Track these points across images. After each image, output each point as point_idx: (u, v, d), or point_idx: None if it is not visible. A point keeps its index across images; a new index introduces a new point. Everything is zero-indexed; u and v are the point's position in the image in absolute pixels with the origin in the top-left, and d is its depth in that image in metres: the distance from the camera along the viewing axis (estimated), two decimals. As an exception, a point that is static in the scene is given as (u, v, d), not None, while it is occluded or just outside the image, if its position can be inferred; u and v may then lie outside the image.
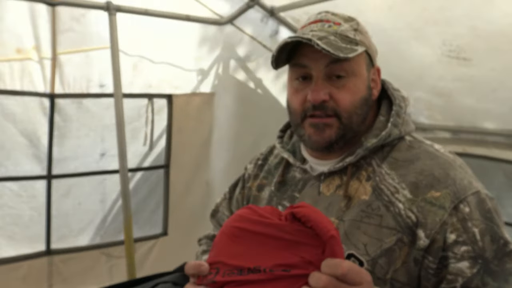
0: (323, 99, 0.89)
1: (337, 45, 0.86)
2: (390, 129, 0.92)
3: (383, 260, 0.84)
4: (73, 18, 2.15)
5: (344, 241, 0.88)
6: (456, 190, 0.84)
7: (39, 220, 2.28)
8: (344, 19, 0.95)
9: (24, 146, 2.19)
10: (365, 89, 0.93)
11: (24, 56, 2.07)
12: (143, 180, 2.65)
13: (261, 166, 1.17)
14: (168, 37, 2.37)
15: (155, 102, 2.48)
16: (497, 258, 0.80)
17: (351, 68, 0.90)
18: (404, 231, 0.84)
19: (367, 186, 0.91)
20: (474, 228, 0.81)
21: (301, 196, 1.01)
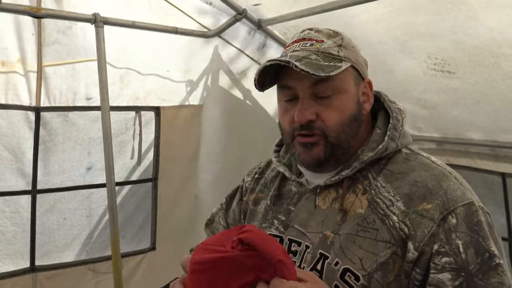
0: (309, 119, 0.91)
1: (318, 64, 0.87)
2: (387, 142, 0.94)
3: (378, 274, 0.84)
4: (59, 30, 2.12)
5: (340, 255, 0.88)
6: (446, 201, 0.84)
7: (23, 236, 2.21)
8: (327, 36, 0.95)
9: (8, 160, 2.14)
10: (353, 106, 0.93)
11: (8, 69, 2.03)
12: (131, 194, 2.61)
13: (257, 180, 1.18)
14: (156, 49, 2.36)
15: (142, 114, 2.45)
16: (481, 271, 0.79)
17: (336, 86, 0.91)
18: (398, 244, 0.85)
19: (363, 199, 0.92)
20: (458, 240, 0.81)
21: (296, 209, 1.02)
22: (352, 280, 0.86)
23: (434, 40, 1.84)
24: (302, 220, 0.98)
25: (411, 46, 1.97)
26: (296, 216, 1.00)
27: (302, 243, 0.96)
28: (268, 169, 1.19)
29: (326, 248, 0.91)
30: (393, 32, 1.93)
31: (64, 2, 2.10)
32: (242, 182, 1.23)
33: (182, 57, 2.45)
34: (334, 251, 0.89)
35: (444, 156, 2.89)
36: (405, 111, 1.03)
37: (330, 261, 0.89)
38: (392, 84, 2.46)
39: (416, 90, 2.37)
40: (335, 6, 1.88)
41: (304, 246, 0.95)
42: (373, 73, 2.43)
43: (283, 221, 1.02)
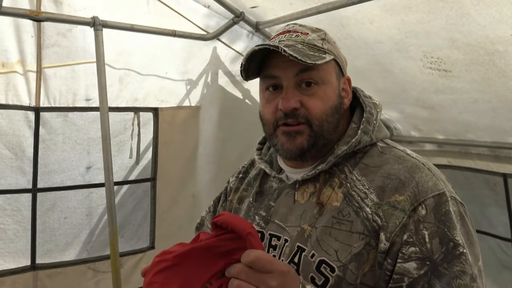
0: (294, 106, 0.91)
1: (305, 53, 0.89)
2: (360, 136, 0.94)
3: (353, 265, 0.85)
4: (59, 33, 2.16)
5: (316, 247, 0.89)
6: (417, 192, 0.85)
7: (24, 234, 2.25)
8: (311, 30, 0.97)
9: (9, 159, 2.18)
10: (335, 97, 0.95)
11: (8, 70, 2.08)
12: (130, 193, 2.64)
13: (242, 179, 1.19)
14: (154, 51, 2.39)
15: (141, 115, 2.49)
16: (446, 260, 0.80)
17: (320, 76, 0.92)
18: (371, 235, 0.85)
19: (339, 192, 0.93)
20: (425, 230, 0.82)
21: (276, 204, 1.03)
22: (328, 272, 0.87)
23: (429, 39, 1.85)
24: (282, 215, 1.00)
25: (407, 45, 1.97)
26: (277, 211, 1.01)
27: (281, 237, 0.97)
28: (252, 168, 1.21)
29: (303, 241, 0.92)
30: (388, 32, 1.93)
31: (64, 5, 2.15)
32: (227, 184, 1.25)
33: (181, 59, 2.48)
34: (311, 244, 0.90)
35: (445, 158, 2.87)
36: (381, 105, 1.04)
37: (306, 253, 0.90)
38: (391, 85, 2.46)
39: (414, 90, 2.37)
40: (329, 8, 1.90)
41: (283, 240, 0.96)
42: (370, 74, 2.44)
43: (264, 216, 1.03)
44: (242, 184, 1.17)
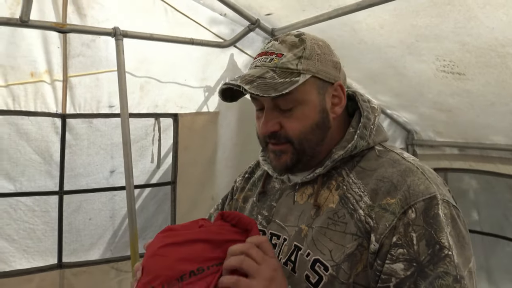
0: (271, 131, 0.96)
1: (272, 83, 0.91)
2: (356, 141, 0.97)
3: (346, 265, 0.88)
4: (83, 43, 2.28)
5: (311, 247, 0.93)
6: (408, 196, 0.87)
7: (51, 234, 2.37)
8: (290, 47, 0.96)
9: (38, 163, 2.30)
10: (315, 114, 0.96)
11: (37, 79, 2.21)
12: (151, 196, 2.73)
13: (247, 179, 1.24)
14: (173, 59, 2.48)
15: (161, 121, 2.58)
16: (432, 262, 0.82)
17: (296, 98, 0.94)
18: (364, 236, 0.88)
19: (335, 195, 0.96)
20: (413, 233, 0.84)
21: (278, 205, 1.07)
22: (322, 270, 0.90)
23: (439, 42, 1.86)
24: (283, 215, 1.04)
25: (419, 49, 1.98)
26: (278, 211, 1.06)
27: (281, 236, 1.01)
28: (257, 168, 1.25)
29: (300, 240, 0.96)
30: (399, 36, 1.95)
31: (88, 17, 2.27)
32: (234, 183, 1.30)
33: (199, 66, 2.56)
34: (307, 243, 0.94)
35: (467, 162, 2.84)
36: (379, 109, 1.06)
37: (302, 252, 0.94)
38: (407, 88, 2.47)
39: (430, 93, 2.36)
40: (339, 13, 1.93)
41: (283, 239, 1.01)
42: (385, 78, 2.46)
43: (266, 216, 1.08)
44: (247, 184, 1.23)
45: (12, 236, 2.26)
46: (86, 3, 2.23)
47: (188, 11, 2.42)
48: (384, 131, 1.06)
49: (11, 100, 2.17)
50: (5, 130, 2.19)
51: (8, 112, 2.16)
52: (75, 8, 2.24)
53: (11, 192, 2.23)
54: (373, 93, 2.77)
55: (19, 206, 2.27)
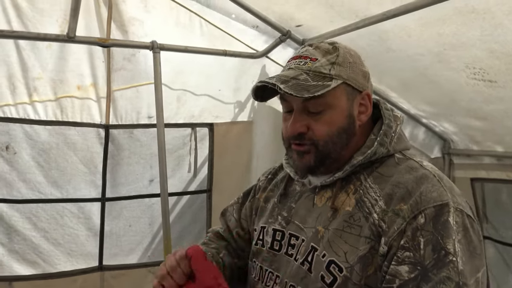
0: (299, 131, 0.99)
1: (305, 85, 0.95)
2: (376, 147, 1.00)
3: (358, 266, 0.91)
4: (125, 58, 2.44)
5: (327, 248, 0.97)
6: (420, 201, 0.89)
7: (93, 239, 2.51)
8: (324, 53, 1.00)
9: (83, 172, 2.45)
10: (343, 119, 1.00)
11: (83, 92, 2.38)
12: (188, 205, 2.81)
13: (270, 180, 1.29)
14: (208, 71, 2.60)
15: (197, 131, 2.69)
16: (436, 267, 0.84)
17: (327, 102, 0.98)
18: (376, 240, 0.91)
19: (352, 198, 0.99)
20: (421, 238, 0.86)
21: (297, 206, 1.11)
22: (336, 271, 0.94)
23: (467, 50, 1.85)
24: (302, 217, 1.08)
25: (447, 57, 1.98)
26: (297, 213, 1.10)
27: (299, 237, 1.05)
28: (281, 170, 1.30)
29: (317, 242, 0.99)
30: (426, 44, 1.96)
31: (129, 33, 2.42)
32: (257, 182, 1.35)
33: (232, 76, 2.66)
34: (323, 245, 0.98)
35: (504, 172, 2.75)
36: (402, 118, 1.08)
37: (318, 253, 0.98)
38: (439, 96, 2.45)
39: (463, 100, 2.34)
40: (366, 23, 1.97)
41: (301, 240, 1.04)
42: (417, 86, 2.46)
43: (285, 217, 1.12)
44: (270, 185, 1.27)
45: (58, 240, 2.41)
46: (127, 20, 2.39)
47: (221, 24, 2.53)
48: (406, 140, 1.08)
49: (59, 112, 2.34)
50: (54, 140, 2.36)
51: (56, 122, 2.34)
52: (117, 25, 2.40)
53: (58, 199, 2.39)
54: (408, 100, 2.77)
55: (65, 213, 2.43)
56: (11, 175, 2.27)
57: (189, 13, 2.50)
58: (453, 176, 3.03)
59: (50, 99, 2.31)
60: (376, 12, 1.90)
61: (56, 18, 2.24)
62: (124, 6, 2.39)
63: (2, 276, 2.27)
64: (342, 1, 1.96)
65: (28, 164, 2.30)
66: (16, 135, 2.26)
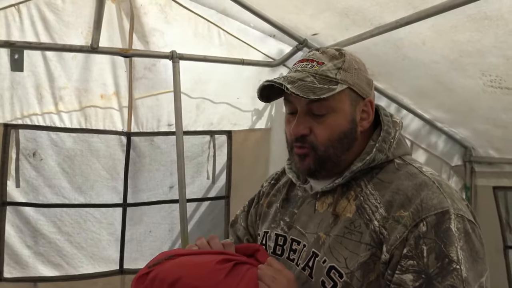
0: (302, 133, 1.00)
1: (312, 87, 0.96)
2: (374, 154, 1.01)
3: (359, 273, 0.93)
4: (146, 67, 2.53)
5: (328, 254, 0.98)
6: (421, 209, 0.90)
7: (115, 244, 2.58)
8: (330, 58, 1.02)
9: (106, 179, 2.53)
10: (346, 124, 1.01)
11: (106, 101, 2.47)
12: (208, 212, 2.85)
13: (273, 185, 1.29)
14: (226, 79, 2.66)
15: (216, 138, 2.74)
16: (440, 275, 0.85)
17: (331, 106, 0.99)
18: (377, 246, 0.92)
19: (353, 204, 1.00)
20: (424, 246, 0.87)
21: (299, 212, 1.12)
22: (336, 277, 0.95)
23: (482, 57, 1.84)
24: (303, 222, 1.09)
25: (463, 64, 1.98)
26: (299, 218, 1.11)
27: (301, 242, 1.07)
28: (283, 175, 1.29)
29: (318, 247, 1.01)
30: (441, 51, 1.96)
31: (150, 44, 2.51)
32: (261, 187, 1.36)
33: (250, 85, 2.71)
34: (324, 250, 0.99)
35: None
36: (401, 123, 1.09)
37: (319, 259, 0.99)
38: (457, 104, 2.44)
39: (481, 108, 2.32)
40: (380, 31, 1.99)
41: (302, 245, 1.06)
42: (434, 93, 2.45)
43: (287, 222, 1.14)
44: (272, 190, 1.27)
45: (81, 244, 2.49)
46: (148, 31, 2.48)
47: (239, 33, 2.59)
48: (406, 145, 1.09)
49: (83, 120, 2.44)
50: (78, 147, 2.45)
51: (81, 130, 2.43)
52: (139, 36, 2.49)
53: (81, 204, 2.48)
54: (425, 108, 2.75)
55: (88, 217, 2.51)
56: (38, 180, 2.38)
57: (208, 23, 2.57)
58: (475, 185, 2.98)
59: (75, 108, 2.41)
60: (390, 20, 1.91)
61: (81, 30, 2.35)
62: (145, 18, 2.48)
63: (28, 277, 2.36)
64: (356, 10, 1.98)
65: (54, 170, 2.40)
66: (42, 142, 2.37)
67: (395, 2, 1.80)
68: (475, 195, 2.95)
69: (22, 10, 2.27)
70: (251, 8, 2.33)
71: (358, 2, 1.90)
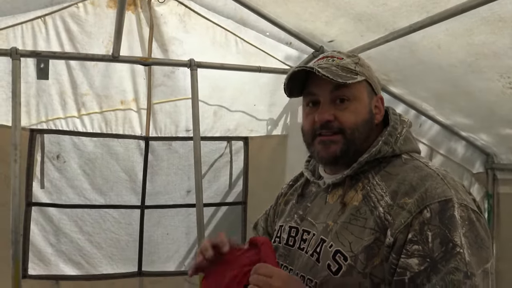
0: (327, 119, 1.05)
1: (337, 73, 1.04)
2: (380, 146, 1.05)
3: (362, 256, 0.96)
4: (165, 75, 2.60)
5: (334, 239, 1.02)
6: (425, 197, 0.93)
7: (133, 245, 2.64)
8: (347, 55, 1.11)
9: (124, 180, 2.62)
10: (366, 112, 1.08)
11: (126, 106, 2.55)
12: (224, 217, 2.88)
13: (291, 186, 1.36)
14: (243, 86, 2.71)
15: (233, 144, 2.78)
16: (444, 259, 0.87)
17: (352, 93, 1.06)
18: (381, 231, 0.96)
19: (360, 194, 1.05)
20: (429, 231, 0.90)
21: (312, 205, 1.18)
22: (341, 260, 0.99)
23: (499, 59, 1.82)
24: (315, 214, 1.14)
25: (480, 67, 1.96)
26: (311, 211, 1.16)
27: (310, 232, 1.11)
28: (301, 177, 1.36)
29: (326, 234, 1.05)
30: (457, 55, 1.94)
31: (169, 52, 2.59)
32: (281, 189, 1.41)
33: (267, 92, 2.75)
34: (331, 236, 1.03)
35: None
36: (409, 122, 1.13)
37: (326, 244, 1.03)
38: (476, 108, 2.41)
39: (502, 111, 2.28)
40: (395, 36, 2.00)
41: (312, 234, 1.10)
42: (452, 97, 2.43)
43: (300, 215, 1.19)
44: (290, 190, 1.34)
45: (100, 244, 2.57)
46: (167, 40, 2.56)
47: (256, 41, 2.64)
48: (414, 142, 1.12)
49: (104, 125, 2.52)
50: (99, 150, 2.54)
51: (101, 134, 2.52)
52: (158, 45, 2.57)
53: (101, 204, 2.56)
54: (444, 114, 2.72)
55: (107, 218, 2.59)
56: (61, 181, 2.48)
57: (225, 32, 2.63)
58: (497, 192, 2.92)
59: (96, 113, 2.49)
60: (404, 25, 1.92)
61: (102, 39, 2.44)
62: (165, 27, 2.56)
63: (51, 275, 2.45)
64: (369, 15, 1.99)
65: (76, 172, 2.50)
66: (65, 145, 2.47)
67: (407, 7, 1.81)
68: (498, 202, 2.89)
69: (48, 21, 2.39)
70: (268, 17, 2.37)
71: (371, 8, 1.92)
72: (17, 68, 2.16)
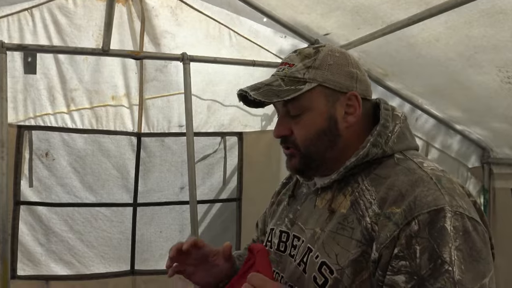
0: (282, 134, 1.02)
1: (276, 90, 0.97)
2: (368, 148, 0.97)
3: (349, 270, 0.90)
4: (157, 69, 2.54)
5: (321, 250, 0.96)
6: (413, 207, 0.86)
7: (125, 243, 2.59)
8: (302, 58, 1.01)
9: (116, 178, 2.56)
10: (322, 121, 0.99)
11: (117, 102, 2.49)
12: (218, 214, 2.84)
13: (285, 184, 1.30)
14: (237, 81, 2.66)
15: (227, 139, 2.73)
16: (432, 277, 0.81)
17: (303, 105, 0.98)
18: (368, 244, 0.89)
19: (348, 200, 0.98)
20: (417, 245, 0.83)
21: (302, 208, 1.12)
22: (327, 273, 0.93)
23: (499, 53, 1.79)
24: (304, 218, 1.08)
25: (478, 61, 1.92)
26: (301, 215, 1.10)
27: (300, 238, 1.06)
28: None
29: (313, 243, 0.99)
30: (456, 48, 1.91)
31: (162, 46, 2.52)
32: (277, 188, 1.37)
33: (261, 86, 2.68)
34: (317, 246, 0.97)
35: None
36: (403, 117, 1.04)
37: (312, 254, 0.97)
38: (474, 103, 2.38)
39: (499, 107, 2.25)
40: (392, 29, 1.95)
41: (301, 241, 1.05)
42: (450, 91, 2.40)
43: (291, 218, 1.13)
44: (283, 189, 1.28)
45: (92, 242, 2.51)
46: (159, 33, 2.49)
47: (250, 34, 2.58)
48: (410, 139, 1.04)
49: (94, 121, 2.46)
50: (90, 147, 2.48)
51: (92, 131, 2.46)
52: (150, 38, 2.50)
53: (92, 203, 2.50)
54: (441, 108, 2.69)
55: (99, 216, 2.53)
56: (50, 180, 2.41)
57: (218, 25, 2.58)
58: (493, 187, 2.90)
59: (86, 109, 2.43)
60: (402, 17, 1.88)
61: (92, 33, 2.37)
62: (156, 20, 2.49)
63: (41, 275, 2.39)
64: (366, 8, 1.95)
65: (66, 170, 2.43)
66: (55, 142, 2.40)
67: (406, -1, 1.77)
68: (494, 197, 2.87)
69: (35, 14, 2.31)
70: (262, 9, 2.32)
71: (368, 0, 1.87)
72: (3, 62, 2.08)
